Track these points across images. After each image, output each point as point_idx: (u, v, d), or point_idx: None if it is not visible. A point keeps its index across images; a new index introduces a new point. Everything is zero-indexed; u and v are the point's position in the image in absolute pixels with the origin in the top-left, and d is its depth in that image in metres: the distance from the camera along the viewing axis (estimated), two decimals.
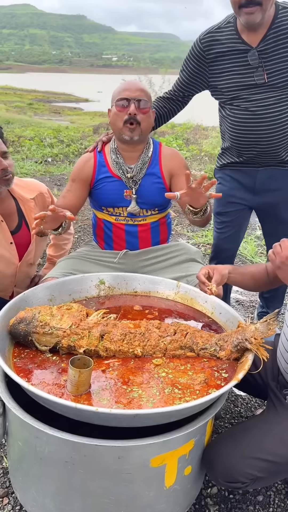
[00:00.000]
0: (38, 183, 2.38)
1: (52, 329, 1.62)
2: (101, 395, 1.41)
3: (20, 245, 2.21)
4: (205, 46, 2.08)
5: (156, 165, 2.12)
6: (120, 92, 1.99)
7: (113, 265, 2.14)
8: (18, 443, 1.47)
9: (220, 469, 1.47)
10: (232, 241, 2.51)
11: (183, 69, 2.23)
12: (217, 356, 1.61)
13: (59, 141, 10.22)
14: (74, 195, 2.15)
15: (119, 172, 2.10)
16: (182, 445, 1.40)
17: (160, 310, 1.97)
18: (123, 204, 2.12)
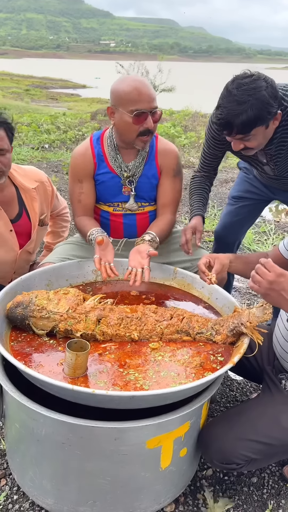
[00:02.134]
0: (38, 171, 2.35)
1: (49, 313, 1.62)
2: (98, 378, 1.42)
3: (21, 233, 2.20)
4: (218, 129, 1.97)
5: (153, 161, 2.09)
6: (135, 102, 1.84)
7: (115, 252, 2.14)
8: (15, 425, 1.49)
9: (215, 450, 1.49)
10: (235, 229, 2.51)
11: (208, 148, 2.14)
12: (213, 340, 1.62)
13: (56, 127, 10.15)
14: (89, 195, 2.10)
15: (117, 170, 2.06)
16: (178, 427, 1.42)
17: (157, 295, 1.97)
18: (121, 199, 2.11)
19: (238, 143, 1.73)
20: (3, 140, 1.98)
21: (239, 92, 1.60)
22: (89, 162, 2.06)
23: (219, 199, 5.47)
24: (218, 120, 1.67)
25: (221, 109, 1.65)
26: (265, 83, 1.62)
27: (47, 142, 8.48)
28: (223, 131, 1.72)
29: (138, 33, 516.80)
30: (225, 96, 1.65)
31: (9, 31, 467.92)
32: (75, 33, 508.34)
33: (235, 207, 2.48)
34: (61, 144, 8.53)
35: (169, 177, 2.09)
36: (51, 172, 6.21)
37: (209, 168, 2.20)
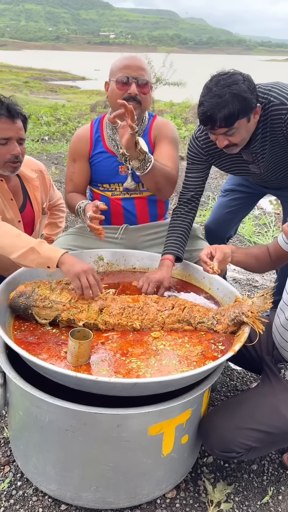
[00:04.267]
0: (35, 161, 2.37)
1: (51, 303, 1.64)
2: (101, 366, 1.44)
3: (26, 223, 2.21)
4: (202, 143, 1.99)
5: (146, 136, 2.09)
6: (120, 68, 1.92)
7: (113, 240, 2.15)
8: (19, 412, 1.51)
9: (215, 439, 1.51)
10: (226, 223, 2.52)
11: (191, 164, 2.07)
12: (214, 329, 1.64)
13: (56, 119, 10.11)
14: (81, 175, 2.13)
15: (114, 148, 2.08)
16: (179, 414, 1.44)
17: (158, 286, 1.98)
18: (118, 180, 2.11)
19: (223, 139, 1.75)
20: (22, 130, 2.02)
21: (218, 87, 1.66)
22: (85, 143, 2.10)
23: (219, 192, 5.46)
24: (202, 115, 1.72)
25: (203, 105, 1.70)
26: (242, 77, 1.69)
27: (47, 134, 8.46)
28: (206, 126, 1.74)
29: (137, 25, 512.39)
30: (205, 93, 1.70)
31: (7, 22, 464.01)
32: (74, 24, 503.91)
33: (227, 199, 2.49)
34: (61, 136, 8.51)
35: (164, 143, 2.06)
36: (51, 164, 6.20)
37: (192, 186, 2.07)
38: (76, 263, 1.65)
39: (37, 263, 1.68)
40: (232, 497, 1.66)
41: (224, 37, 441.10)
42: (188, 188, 2.09)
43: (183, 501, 1.63)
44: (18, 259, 1.70)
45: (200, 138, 1.98)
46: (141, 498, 1.55)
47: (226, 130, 1.70)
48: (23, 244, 1.69)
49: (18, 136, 1.98)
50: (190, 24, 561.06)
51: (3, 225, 1.76)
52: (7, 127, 1.94)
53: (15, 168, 2.02)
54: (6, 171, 2.01)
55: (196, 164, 2.05)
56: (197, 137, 2.00)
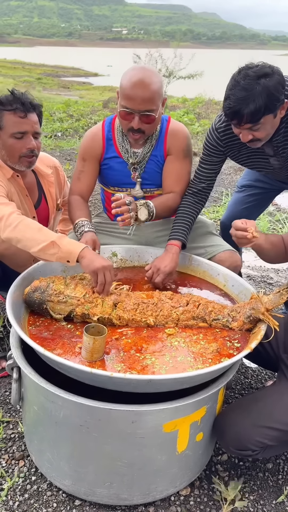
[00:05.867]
0: (50, 157, 2.36)
1: (66, 298, 1.63)
2: (115, 362, 1.44)
3: (41, 219, 2.20)
4: (221, 135, 1.95)
5: (161, 145, 2.05)
6: (126, 98, 1.82)
7: (126, 236, 2.14)
8: (33, 407, 1.51)
9: (231, 437, 1.50)
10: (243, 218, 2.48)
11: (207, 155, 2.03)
12: (230, 326, 1.62)
13: (69, 115, 10.13)
14: (90, 175, 2.09)
15: (125, 155, 2.05)
16: (194, 412, 1.43)
17: (174, 281, 1.97)
18: (129, 185, 2.09)
19: (247, 134, 1.72)
20: (37, 124, 2.00)
21: (247, 81, 1.61)
22: (97, 144, 2.06)
23: (233, 187, 5.41)
24: (228, 110, 1.67)
25: (230, 99, 1.65)
26: (271, 70, 1.64)
27: (60, 131, 8.47)
28: (232, 121, 1.71)
29: (150, 20, 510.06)
30: (232, 86, 1.66)
31: (20, 19, 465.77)
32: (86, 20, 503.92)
33: (243, 195, 2.46)
34: (73, 133, 8.52)
35: (178, 158, 2.05)
36: (64, 161, 6.21)
37: (205, 178, 2.05)
38: (96, 259, 1.64)
39: (58, 257, 1.67)
40: (246, 495, 1.64)
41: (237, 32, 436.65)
42: (200, 179, 2.07)
43: (197, 498, 1.62)
44: (39, 253, 1.69)
45: (220, 129, 1.94)
46: (155, 495, 1.54)
47: (250, 125, 1.67)
48: (44, 238, 1.67)
49: (33, 130, 1.97)
50: (203, 19, 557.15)
51: (24, 219, 1.75)
52: (22, 121, 1.92)
53: (31, 163, 2.01)
54: (22, 166, 2.00)
55: (212, 156, 2.02)
56: (216, 128, 1.96)
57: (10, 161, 1.99)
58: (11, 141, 1.94)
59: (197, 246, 2.08)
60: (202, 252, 2.05)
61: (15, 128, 1.92)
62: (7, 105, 1.91)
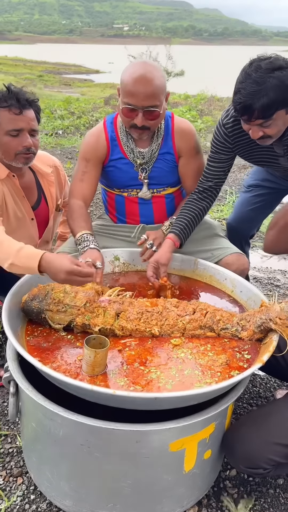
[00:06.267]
0: (50, 156, 2.26)
1: (66, 307, 1.55)
2: (118, 376, 1.35)
3: (40, 221, 2.12)
4: (229, 131, 1.86)
5: (169, 141, 1.97)
6: (128, 95, 1.74)
7: (130, 239, 2.05)
8: (31, 424, 1.42)
9: (241, 454, 1.41)
10: (249, 220, 2.40)
11: (215, 152, 1.93)
12: (239, 336, 1.53)
13: (70, 113, 10.03)
14: (93, 176, 1.98)
15: (130, 156, 1.96)
16: (203, 429, 1.34)
17: (180, 287, 1.88)
18: (135, 186, 2.01)
19: (257, 130, 1.62)
20: (35, 121, 1.91)
21: (259, 74, 1.52)
22: (102, 145, 1.96)
23: (238, 185, 5.32)
24: (238, 105, 1.58)
25: (240, 93, 1.56)
26: (285, 63, 1.54)
27: (61, 128, 8.38)
28: (242, 117, 1.61)
29: (151, 16, 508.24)
30: (243, 79, 1.56)
31: (21, 16, 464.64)
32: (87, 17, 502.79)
33: (250, 195, 2.37)
34: (75, 130, 8.43)
35: (191, 157, 1.98)
36: (65, 159, 6.12)
37: (212, 176, 1.96)
38: (57, 271, 1.51)
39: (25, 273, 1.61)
40: None
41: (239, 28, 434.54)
42: (207, 178, 1.97)
43: None
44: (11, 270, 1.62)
45: (228, 125, 1.85)
46: None
47: (261, 121, 1.57)
48: (5, 256, 1.59)
49: (30, 127, 1.87)
50: (205, 15, 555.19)
51: None
52: (17, 118, 1.83)
53: (28, 159, 1.91)
54: (19, 163, 1.91)
55: (220, 153, 1.92)
56: (224, 124, 1.86)
57: (6, 159, 1.90)
58: (6, 138, 1.84)
59: (203, 250, 1.99)
60: (208, 255, 1.96)
61: (10, 125, 1.83)
62: (1, 102, 1.82)
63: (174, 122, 1.98)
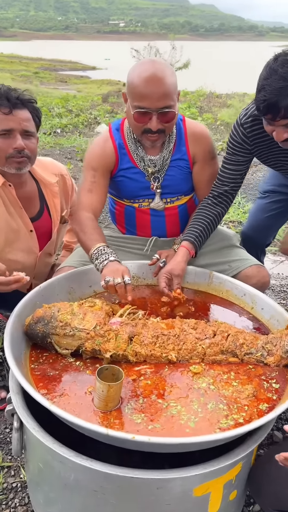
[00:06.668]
0: (57, 163, 2.11)
1: (74, 330, 1.41)
2: (134, 412, 1.21)
3: (42, 233, 1.96)
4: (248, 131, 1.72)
5: (183, 147, 1.82)
6: (138, 98, 1.59)
7: (141, 252, 1.91)
8: (38, 464, 1.28)
9: (270, 495, 1.27)
10: (266, 228, 2.25)
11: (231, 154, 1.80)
12: (264, 362, 1.40)
13: (68, 110, 9.86)
14: (102, 186, 1.81)
15: (140, 164, 1.81)
16: (229, 471, 1.20)
17: (194, 303, 1.75)
18: (147, 196, 1.86)
19: (282, 132, 1.48)
20: (29, 122, 1.76)
21: (286, 69, 1.38)
22: (109, 154, 1.80)
23: (248, 188, 5.13)
24: (262, 103, 1.43)
25: (265, 90, 1.41)
26: None
27: (59, 127, 8.21)
28: (265, 116, 1.47)
29: (147, 12, 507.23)
30: (268, 75, 1.42)
31: (17, 12, 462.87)
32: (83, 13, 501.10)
33: (267, 202, 2.23)
34: (73, 129, 8.25)
35: (206, 163, 1.84)
36: (64, 159, 5.96)
37: (228, 180, 1.82)
38: None
39: None
40: None
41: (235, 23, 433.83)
42: (223, 181, 1.83)
43: None
44: None
45: (246, 125, 1.71)
46: None
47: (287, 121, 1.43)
48: None
49: (22, 127, 1.72)
50: (201, 11, 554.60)
51: None
52: (7, 117, 1.69)
53: (20, 164, 1.75)
54: (11, 168, 1.75)
55: (237, 155, 1.78)
56: (242, 124, 1.72)
57: None
58: None
59: (219, 262, 1.85)
60: (225, 268, 1.82)
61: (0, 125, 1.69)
62: None
63: (187, 126, 1.84)
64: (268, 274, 1.84)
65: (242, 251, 1.93)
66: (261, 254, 2.38)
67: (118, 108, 10.68)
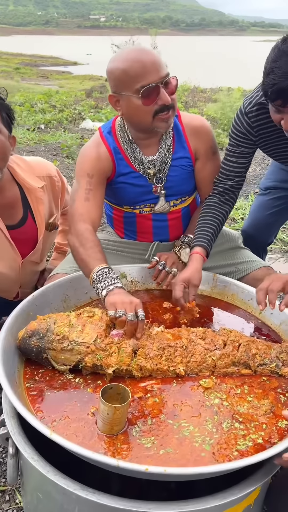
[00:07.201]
0: (45, 163, 1.92)
1: (72, 344, 1.29)
2: (142, 435, 1.10)
3: (26, 240, 1.80)
4: (253, 121, 1.62)
5: (183, 143, 1.70)
6: (139, 77, 1.45)
7: (141, 257, 1.79)
8: (37, 494, 1.17)
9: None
10: (267, 226, 2.16)
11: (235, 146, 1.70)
12: (279, 373, 1.30)
13: (51, 106, 9.64)
14: (99, 195, 1.64)
15: (139, 167, 1.68)
16: (248, 496, 1.10)
17: (199, 308, 1.64)
18: (149, 200, 1.74)
19: None
20: None
21: None
22: (105, 159, 1.65)
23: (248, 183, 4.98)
24: (272, 87, 1.31)
25: (274, 73, 1.29)
26: None
27: (43, 123, 8.01)
28: (275, 102, 1.35)
29: (128, 7, 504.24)
30: (277, 57, 1.30)
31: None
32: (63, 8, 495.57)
33: (268, 199, 2.13)
34: (57, 124, 8.06)
35: (208, 158, 1.73)
36: (50, 156, 5.79)
37: (233, 173, 1.73)
38: None
39: None
40: None
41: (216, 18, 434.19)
42: (228, 176, 1.72)
43: None
44: None
45: (251, 114, 1.60)
46: None
47: None
48: None
49: None
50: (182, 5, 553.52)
51: None
52: None
53: None
54: None
55: (241, 146, 1.67)
56: (247, 113, 1.61)
57: None
58: None
59: (225, 264, 1.75)
60: (232, 270, 1.72)
61: None
62: None
63: (183, 120, 1.71)
64: None
65: (248, 253, 1.83)
66: (262, 253, 2.29)
67: (102, 103, 10.50)
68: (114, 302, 1.32)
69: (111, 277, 1.40)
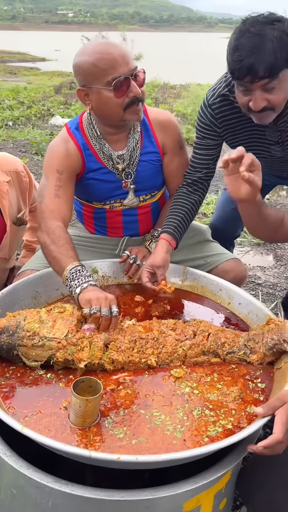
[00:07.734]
0: (12, 159, 1.91)
1: (43, 340, 1.29)
2: (115, 426, 1.12)
3: None
4: (216, 112, 1.64)
5: (150, 137, 1.71)
6: (108, 69, 1.45)
7: (112, 253, 1.80)
8: (11, 489, 1.16)
9: (262, 503, 1.22)
10: (234, 220, 2.20)
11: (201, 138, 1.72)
12: (247, 360, 1.34)
13: (19, 102, 9.50)
14: (69, 192, 1.62)
15: (108, 163, 1.68)
16: (219, 480, 1.13)
17: (169, 301, 1.66)
18: (118, 196, 1.74)
19: (260, 98, 1.38)
20: None
21: (257, 27, 1.31)
22: (74, 155, 1.63)
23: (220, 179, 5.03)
24: (238, 64, 1.33)
25: (239, 50, 1.32)
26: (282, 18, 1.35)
27: (11, 119, 7.88)
28: (243, 80, 1.36)
29: (96, 2, 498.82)
30: (240, 35, 1.33)
31: None
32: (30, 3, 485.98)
33: None
34: (26, 121, 7.95)
35: (175, 153, 1.75)
36: (18, 153, 5.71)
37: (201, 166, 1.74)
38: None
39: None
40: None
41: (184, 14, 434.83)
42: (196, 168, 1.74)
43: None
44: None
45: (214, 105, 1.62)
46: None
47: (267, 81, 1.33)
48: None
49: None
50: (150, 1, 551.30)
51: None
52: None
53: None
54: None
55: (207, 138, 1.70)
56: (210, 105, 1.63)
57: None
58: None
59: (195, 257, 1.78)
60: (201, 263, 1.75)
61: None
62: None
63: (149, 114, 1.72)
64: (245, 269, 1.79)
65: (217, 245, 1.87)
66: (230, 246, 2.33)
67: (72, 99, 10.40)
68: (90, 299, 1.33)
69: (84, 275, 1.41)
